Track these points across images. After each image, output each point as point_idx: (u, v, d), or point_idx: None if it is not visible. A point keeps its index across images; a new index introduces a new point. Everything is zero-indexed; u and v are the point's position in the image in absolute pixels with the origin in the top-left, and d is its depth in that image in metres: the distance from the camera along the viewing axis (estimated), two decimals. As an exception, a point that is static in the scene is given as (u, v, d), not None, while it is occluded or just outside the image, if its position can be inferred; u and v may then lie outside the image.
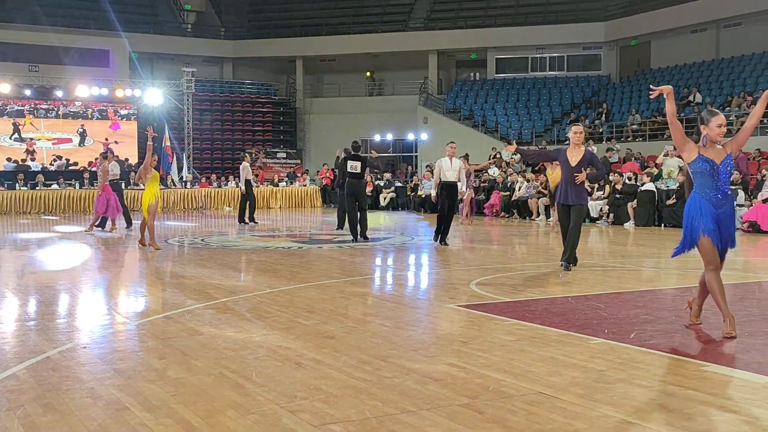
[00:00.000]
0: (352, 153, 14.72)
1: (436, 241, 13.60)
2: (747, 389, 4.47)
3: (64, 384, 4.69)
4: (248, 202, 20.20)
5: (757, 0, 28.60)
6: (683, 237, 5.98)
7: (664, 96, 6.13)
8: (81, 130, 32.48)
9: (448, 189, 13.22)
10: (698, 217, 5.86)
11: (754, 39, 29.36)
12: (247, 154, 21.78)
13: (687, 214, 5.96)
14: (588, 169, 10.11)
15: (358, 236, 14.54)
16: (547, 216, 20.26)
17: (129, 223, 17.97)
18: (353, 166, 14.51)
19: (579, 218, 10.01)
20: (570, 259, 9.97)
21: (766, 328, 6.22)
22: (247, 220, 19.91)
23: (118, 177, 17.86)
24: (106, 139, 32.51)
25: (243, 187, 19.95)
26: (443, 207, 13.31)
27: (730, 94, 27.26)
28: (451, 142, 13.53)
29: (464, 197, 19.56)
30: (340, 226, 17.03)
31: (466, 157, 20.00)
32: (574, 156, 9.92)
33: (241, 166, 20.43)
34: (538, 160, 15.23)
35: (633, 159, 23.81)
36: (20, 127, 31.59)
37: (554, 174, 16.81)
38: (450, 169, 13.17)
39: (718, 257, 5.87)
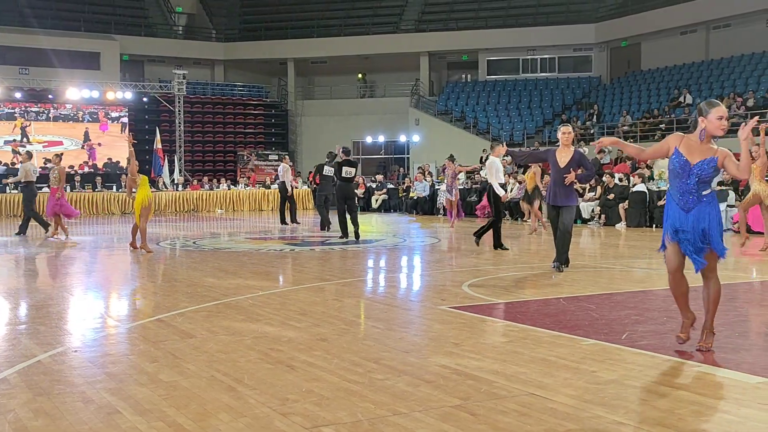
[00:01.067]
0: (345, 158, 14.99)
1: (498, 248, 12.88)
2: (738, 389, 4.49)
3: (56, 388, 4.68)
4: (287, 204, 20.36)
5: (747, 1, 28.76)
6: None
7: (605, 149, 5.71)
8: (85, 132, 32.46)
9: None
10: (666, 219, 5.46)
11: (744, 40, 29.51)
12: (285, 156, 21.82)
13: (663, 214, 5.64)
14: (579, 170, 10.12)
15: (350, 236, 14.85)
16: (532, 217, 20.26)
17: (23, 230, 16.92)
18: (348, 171, 14.88)
19: (569, 219, 9.99)
20: (562, 260, 9.98)
21: (756, 329, 6.25)
22: (288, 222, 20.14)
23: (34, 180, 17.23)
24: (89, 140, 32.47)
25: (290, 189, 20.19)
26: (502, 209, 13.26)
27: (720, 95, 27.38)
28: (501, 143, 13.56)
29: (454, 199, 19.46)
30: (325, 227, 17.35)
31: (451, 158, 19.94)
32: (563, 157, 9.91)
33: (280, 168, 20.68)
34: (528, 161, 15.23)
35: (625, 161, 23.85)
36: (27, 129, 31.61)
37: (528, 176, 17.11)
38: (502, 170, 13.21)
39: (677, 262, 5.37)
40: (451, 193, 19.23)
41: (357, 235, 14.89)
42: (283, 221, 20.12)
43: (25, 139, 31.35)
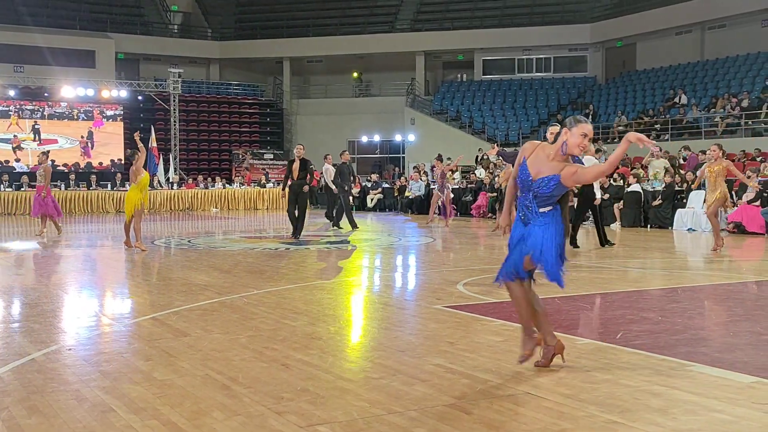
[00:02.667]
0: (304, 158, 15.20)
1: (605, 245, 13.10)
2: (731, 389, 4.49)
3: (49, 386, 4.67)
4: (332, 202, 20.23)
5: (742, 2, 28.83)
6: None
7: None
8: (90, 131, 32.44)
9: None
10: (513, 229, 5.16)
11: (739, 41, 29.57)
12: (329, 156, 21.55)
13: None
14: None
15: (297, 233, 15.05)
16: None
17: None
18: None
19: None
20: None
21: (750, 328, 6.26)
22: (338, 221, 19.61)
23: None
24: (82, 137, 32.42)
25: (334, 187, 19.51)
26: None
27: (715, 95, 27.44)
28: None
29: (442, 198, 19.24)
30: (353, 225, 17.51)
31: (439, 158, 19.86)
32: None
33: (323, 168, 20.47)
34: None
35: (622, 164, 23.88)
36: (39, 129, 31.63)
37: (502, 175, 17.31)
38: None
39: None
40: (442, 192, 19.10)
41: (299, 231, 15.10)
42: (338, 221, 19.48)
43: (38, 139, 31.41)
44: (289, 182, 15.25)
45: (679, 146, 23.12)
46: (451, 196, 20.49)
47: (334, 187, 18.97)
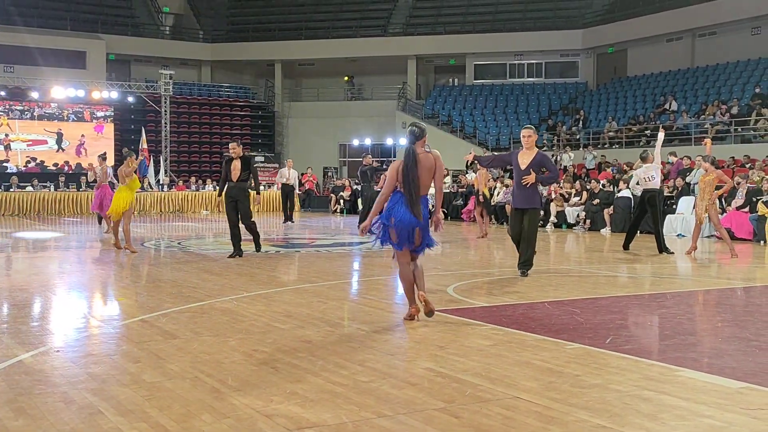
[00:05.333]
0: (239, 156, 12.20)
1: (662, 251, 13.22)
2: (720, 394, 4.51)
3: (37, 388, 4.64)
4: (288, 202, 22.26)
5: (732, 10, 28.99)
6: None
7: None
8: (59, 132, 32.24)
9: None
10: None
11: (729, 48, 29.74)
12: (289, 160, 23.56)
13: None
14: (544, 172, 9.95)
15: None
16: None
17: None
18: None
19: (533, 223, 9.73)
20: (526, 264, 9.77)
21: (739, 334, 6.28)
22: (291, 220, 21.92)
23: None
24: (82, 135, 32.32)
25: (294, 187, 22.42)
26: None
27: (705, 102, 27.57)
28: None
29: None
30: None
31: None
32: (525, 159, 9.67)
33: (280, 171, 22.72)
34: (493, 165, 15.12)
35: (610, 168, 23.95)
36: None
37: (481, 177, 17.26)
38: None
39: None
40: None
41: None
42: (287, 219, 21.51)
43: None
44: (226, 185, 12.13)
45: (669, 153, 23.20)
46: None
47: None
